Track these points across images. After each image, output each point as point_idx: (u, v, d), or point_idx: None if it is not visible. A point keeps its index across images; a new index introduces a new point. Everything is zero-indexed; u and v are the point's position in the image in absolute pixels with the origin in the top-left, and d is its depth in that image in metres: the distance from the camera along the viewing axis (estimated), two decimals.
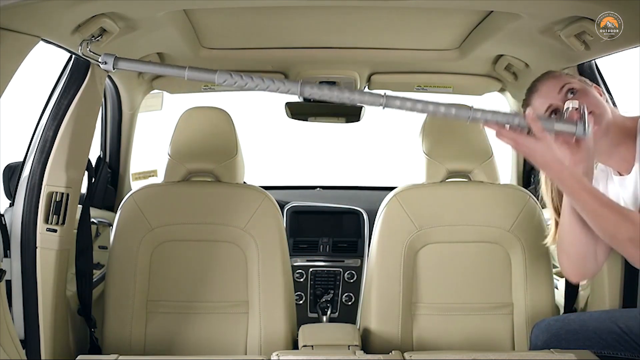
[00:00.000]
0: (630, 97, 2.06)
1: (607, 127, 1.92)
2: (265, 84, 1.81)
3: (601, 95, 1.98)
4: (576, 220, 1.92)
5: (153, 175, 3.39)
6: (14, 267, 2.20)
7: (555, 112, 1.95)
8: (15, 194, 2.27)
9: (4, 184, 2.38)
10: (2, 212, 2.25)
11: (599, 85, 2.45)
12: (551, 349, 2.07)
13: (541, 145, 1.79)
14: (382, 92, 1.82)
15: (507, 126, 1.81)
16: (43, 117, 2.31)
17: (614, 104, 2.48)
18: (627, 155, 1.93)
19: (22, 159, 2.34)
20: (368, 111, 3.31)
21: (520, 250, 2.44)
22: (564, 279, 2.67)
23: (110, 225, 2.76)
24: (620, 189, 1.98)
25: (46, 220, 2.24)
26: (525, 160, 3.39)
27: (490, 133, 2.55)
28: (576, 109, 1.87)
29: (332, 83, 3.07)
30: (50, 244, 2.24)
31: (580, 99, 1.90)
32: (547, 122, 1.82)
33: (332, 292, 3.44)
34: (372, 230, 2.56)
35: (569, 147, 1.85)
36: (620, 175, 1.99)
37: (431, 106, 1.80)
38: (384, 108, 1.81)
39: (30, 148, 2.30)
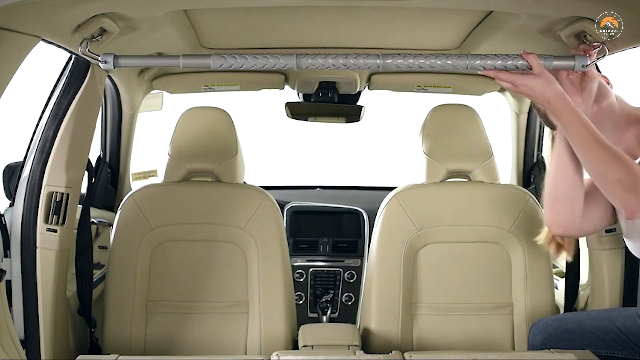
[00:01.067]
0: (630, 97, 2.06)
1: (611, 110, 1.93)
2: (260, 62, 1.83)
3: (608, 84, 1.98)
4: (569, 158, 1.92)
5: (153, 175, 3.40)
6: (14, 267, 2.21)
7: None
8: (15, 194, 2.27)
9: (4, 184, 2.38)
10: (2, 212, 2.26)
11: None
12: (551, 349, 2.07)
13: (540, 81, 1.80)
14: (377, 54, 1.85)
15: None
16: (43, 117, 2.31)
17: None
18: (633, 142, 1.93)
19: (22, 159, 2.35)
20: (368, 111, 3.31)
21: (520, 250, 2.44)
22: (563, 279, 2.68)
23: (110, 225, 2.76)
24: None
25: (46, 220, 2.24)
26: (525, 161, 3.39)
27: (490, 132, 2.56)
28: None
29: (332, 83, 3.07)
30: (50, 244, 2.24)
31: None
32: (545, 59, 1.83)
33: (332, 292, 3.44)
34: (372, 230, 2.56)
35: (573, 85, 1.87)
36: None
37: (428, 62, 1.83)
38: (381, 68, 1.84)
39: (30, 148, 2.30)
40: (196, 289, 2.46)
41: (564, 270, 2.67)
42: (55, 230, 2.25)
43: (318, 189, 3.90)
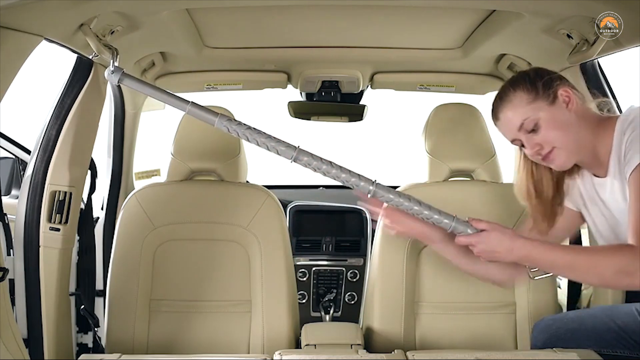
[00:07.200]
0: (630, 97, 2.05)
1: (576, 152, 1.89)
2: (265, 142, 2.05)
3: (572, 100, 1.88)
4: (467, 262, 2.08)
5: (156, 175, 3.40)
6: (17, 266, 2.21)
7: (523, 145, 1.92)
8: (10, 188, 2.27)
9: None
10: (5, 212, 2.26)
11: (600, 85, 2.44)
12: (554, 348, 2.07)
13: (495, 234, 1.87)
14: (372, 179, 2.04)
15: None
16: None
17: (616, 103, 2.47)
18: (605, 158, 1.90)
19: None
20: (371, 110, 3.31)
21: None
22: (566, 278, 2.67)
23: None
24: (599, 189, 1.97)
25: (49, 219, 2.24)
26: None
27: (493, 132, 2.56)
28: None
29: (334, 82, 3.07)
30: (53, 242, 2.24)
31: (541, 134, 1.86)
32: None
33: (335, 291, 3.44)
34: (374, 229, 2.55)
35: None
36: (598, 177, 1.97)
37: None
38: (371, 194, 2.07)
39: (34, 147, 2.31)
40: (199, 288, 2.46)
41: None
42: (58, 230, 2.25)
43: (321, 188, 3.90)
